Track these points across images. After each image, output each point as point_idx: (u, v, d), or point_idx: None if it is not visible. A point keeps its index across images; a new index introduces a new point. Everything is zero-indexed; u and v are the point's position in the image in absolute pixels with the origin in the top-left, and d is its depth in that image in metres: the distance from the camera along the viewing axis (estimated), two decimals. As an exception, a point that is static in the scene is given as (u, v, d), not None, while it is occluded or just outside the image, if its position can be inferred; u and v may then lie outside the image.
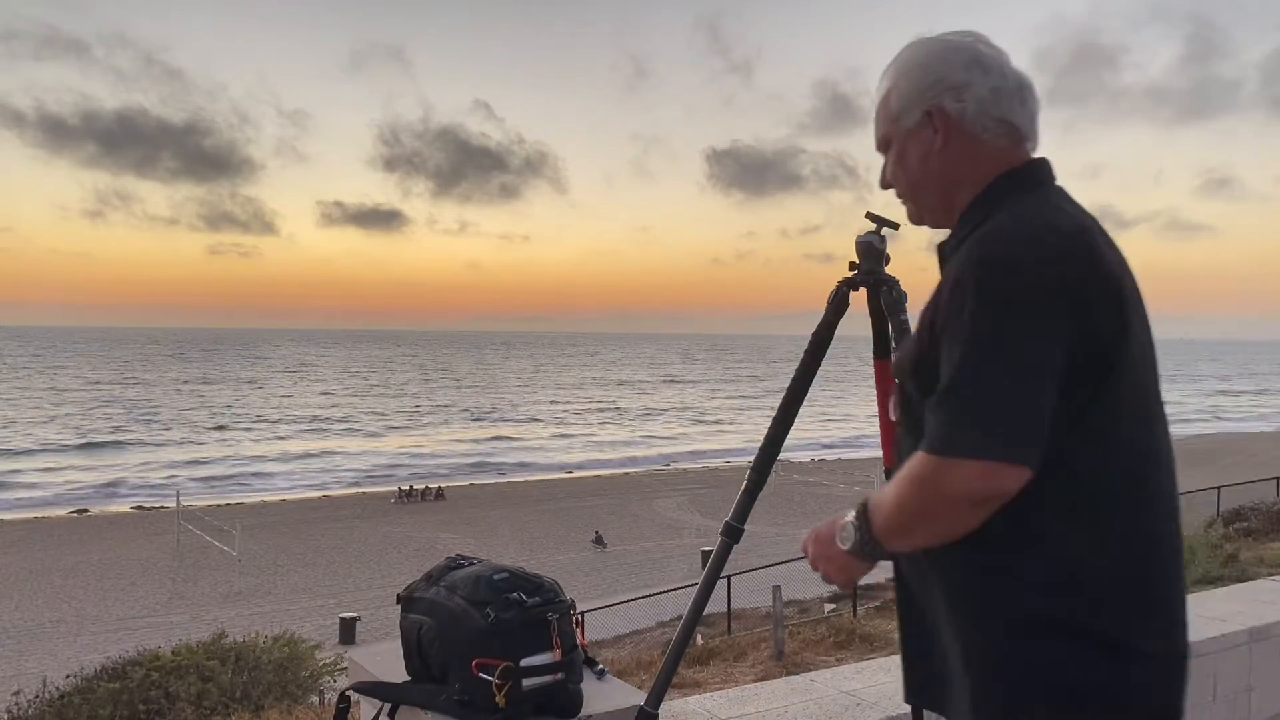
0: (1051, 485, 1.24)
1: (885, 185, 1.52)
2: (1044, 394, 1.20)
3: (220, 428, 71.41)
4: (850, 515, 1.38)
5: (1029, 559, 1.27)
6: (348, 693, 2.21)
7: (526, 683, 1.90)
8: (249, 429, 71.45)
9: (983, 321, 1.21)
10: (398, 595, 2.16)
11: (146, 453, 59.06)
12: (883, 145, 1.48)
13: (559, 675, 1.95)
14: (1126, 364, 1.27)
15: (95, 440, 63.29)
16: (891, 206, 1.68)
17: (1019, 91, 1.38)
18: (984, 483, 1.20)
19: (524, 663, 1.90)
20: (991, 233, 1.28)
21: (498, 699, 1.86)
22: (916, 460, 1.26)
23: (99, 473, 51.19)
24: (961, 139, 1.38)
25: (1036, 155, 1.41)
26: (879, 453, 2.45)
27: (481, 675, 1.87)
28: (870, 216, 2.21)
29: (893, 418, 1.50)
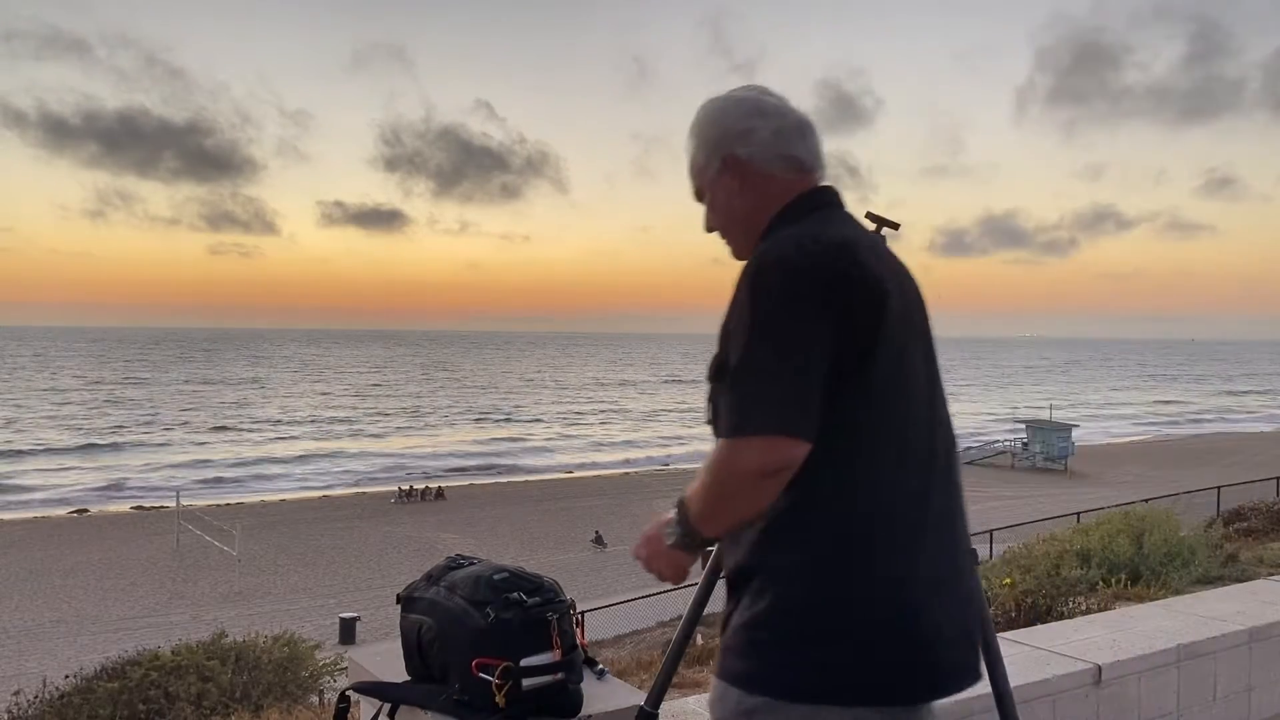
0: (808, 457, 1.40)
1: (709, 230, 1.69)
2: (813, 373, 1.37)
3: (221, 428, 71.42)
4: (671, 512, 1.53)
5: (785, 522, 1.44)
6: (347, 693, 2.21)
7: (526, 683, 1.89)
8: (249, 429, 71.45)
9: (755, 314, 1.39)
10: (397, 595, 2.16)
11: (147, 453, 59.07)
12: (698, 196, 1.68)
13: (559, 675, 1.95)
14: (880, 358, 1.42)
15: (95, 440, 63.30)
16: (887, 210, 1.70)
17: (799, 129, 1.58)
18: (768, 456, 1.36)
19: (524, 663, 1.90)
20: (767, 245, 1.48)
21: (498, 699, 1.86)
22: (715, 447, 1.42)
23: (99, 473, 51.20)
24: (755, 178, 1.57)
25: (823, 184, 1.61)
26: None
27: (481, 675, 1.87)
28: (870, 216, 2.21)
29: (706, 422, 1.63)
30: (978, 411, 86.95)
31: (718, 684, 1.50)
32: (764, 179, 1.57)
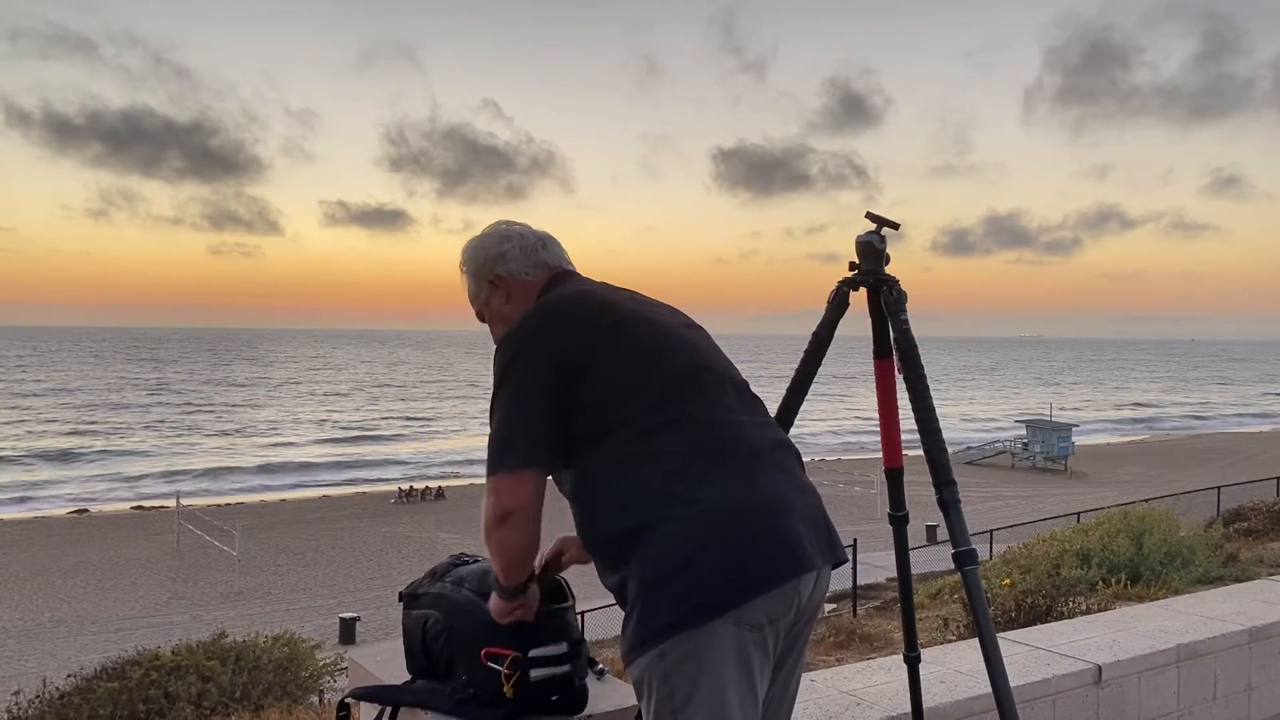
0: (579, 476, 1.72)
1: (496, 340, 1.97)
2: (536, 420, 1.67)
3: (222, 429, 71.39)
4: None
5: (593, 527, 1.72)
6: (347, 700, 2.19)
7: (535, 673, 1.90)
8: (250, 429, 71.43)
9: (495, 377, 1.73)
10: (400, 592, 2.16)
11: (146, 453, 59.05)
12: (480, 318, 2.03)
13: (567, 667, 1.95)
14: (615, 384, 1.68)
15: (96, 440, 63.27)
16: (892, 209, 1.71)
17: (539, 241, 1.98)
18: (505, 493, 1.66)
19: (533, 653, 1.90)
20: None
21: (506, 689, 1.86)
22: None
23: (99, 473, 51.19)
24: (516, 286, 1.94)
25: (564, 269, 1.97)
26: (879, 453, 2.45)
27: (490, 665, 1.88)
28: (870, 216, 2.21)
29: None
30: (978, 411, 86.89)
31: (634, 671, 1.60)
32: (522, 285, 1.93)
